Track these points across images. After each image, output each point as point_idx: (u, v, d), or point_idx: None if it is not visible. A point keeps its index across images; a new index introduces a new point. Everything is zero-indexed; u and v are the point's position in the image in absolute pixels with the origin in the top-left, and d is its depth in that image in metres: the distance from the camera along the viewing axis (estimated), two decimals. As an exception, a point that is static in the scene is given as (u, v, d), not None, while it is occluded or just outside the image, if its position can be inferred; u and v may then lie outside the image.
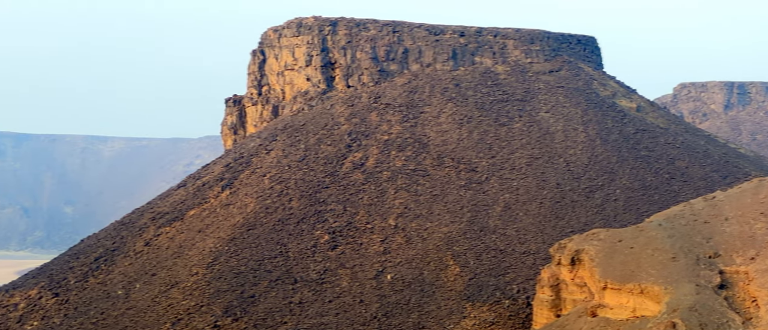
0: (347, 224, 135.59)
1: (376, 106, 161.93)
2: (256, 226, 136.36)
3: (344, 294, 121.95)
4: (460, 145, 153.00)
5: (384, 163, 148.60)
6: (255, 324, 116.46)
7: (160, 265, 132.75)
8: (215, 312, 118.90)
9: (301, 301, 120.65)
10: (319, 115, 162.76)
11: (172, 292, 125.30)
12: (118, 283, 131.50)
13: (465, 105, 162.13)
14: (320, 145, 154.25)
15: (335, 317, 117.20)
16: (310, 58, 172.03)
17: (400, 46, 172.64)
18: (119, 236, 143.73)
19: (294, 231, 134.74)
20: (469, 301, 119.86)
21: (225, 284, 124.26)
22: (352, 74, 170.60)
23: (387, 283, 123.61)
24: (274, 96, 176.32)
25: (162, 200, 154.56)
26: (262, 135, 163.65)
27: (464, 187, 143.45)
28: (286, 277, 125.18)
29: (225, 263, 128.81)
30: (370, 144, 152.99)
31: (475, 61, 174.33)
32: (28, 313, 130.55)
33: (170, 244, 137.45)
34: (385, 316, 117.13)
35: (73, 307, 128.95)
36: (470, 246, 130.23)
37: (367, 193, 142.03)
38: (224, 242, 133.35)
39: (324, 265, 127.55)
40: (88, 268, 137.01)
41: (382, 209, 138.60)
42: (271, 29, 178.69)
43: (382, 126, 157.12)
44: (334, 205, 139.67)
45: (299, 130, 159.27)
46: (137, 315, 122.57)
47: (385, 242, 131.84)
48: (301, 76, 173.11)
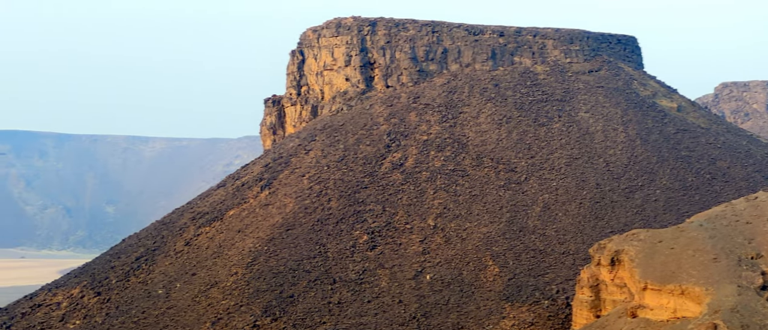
0: (386, 224, 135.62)
1: (415, 107, 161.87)
2: (295, 226, 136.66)
3: (383, 294, 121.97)
4: (499, 145, 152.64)
5: (423, 163, 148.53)
6: (294, 324, 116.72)
7: (199, 265, 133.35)
8: (254, 312, 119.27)
9: (340, 301, 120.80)
10: (358, 115, 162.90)
11: (211, 291, 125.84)
12: (158, 283, 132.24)
13: (504, 105, 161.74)
14: (359, 145, 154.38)
15: (374, 317, 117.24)
16: (349, 59, 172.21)
17: (440, 46, 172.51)
18: (160, 236, 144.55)
19: (333, 231, 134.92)
20: (508, 301, 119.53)
21: (264, 284, 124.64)
22: (391, 74, 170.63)
23: (426, 283, 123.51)
24: (313, 96, 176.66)
25: (202, 200, 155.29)
26: (301, 135, 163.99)
27: (503, 188, 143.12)
28: (325, 277, 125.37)
29: (264, 263, 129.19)
30: (409, 144, 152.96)
31: (514, 61, 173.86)
32: (71, 312, 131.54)
33: (210, 244, 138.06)
34: (424, 317, 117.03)
35: (114, 306, 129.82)
36: (509, 246, 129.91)
37: (406, 194, 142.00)
38: (263, 242, 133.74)
39: (363, 265, 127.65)
40: (130, 268, 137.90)
41: (421, 209, 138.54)
42: (310, 29, 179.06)
43: (421, 126, 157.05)
44: (373, 206, 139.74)
45: (338, 130, 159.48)
46: (177, 314, 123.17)
47: (424, 242, 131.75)
48: (340, 76, 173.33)
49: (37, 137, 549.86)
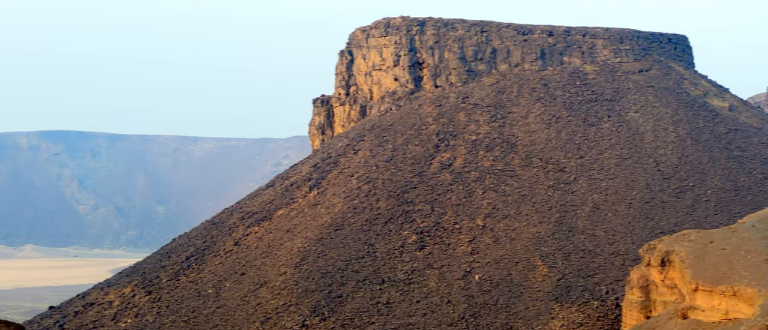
0: (435, 224, 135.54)
1: (464, 106, 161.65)
2: (343, 226, 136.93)
3: (432, 294, 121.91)
4: (549, 145, 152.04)
5: (472, 163, 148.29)
6: (343, 324, 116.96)
7: (249, 265, 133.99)
8: (303, 311, 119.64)
9: (389, 301, 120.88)
10: (407, 115, 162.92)
11: (260, 291, 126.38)
12: (208, 282, 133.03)
13: (553, 105, 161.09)
14: (408, 145, 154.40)
15: (423, 317, 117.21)
16: (397, 58, 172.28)
17: (488, 46, 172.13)
18: (209, 235, 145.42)
19: (381, 231, 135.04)
20: (557, 301, 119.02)
21: (313, 284, 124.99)
22: (440, 74, 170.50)
23: (475, 283, 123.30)
24: (362, 96, 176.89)
25: (251, 200, 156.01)
26: (349, 135, 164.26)
27: (552, 188, 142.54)
28: (374, 277, 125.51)
29: (313, 263, 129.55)
30: (458, 144, 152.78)
31: (563, 61, 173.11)
32: (122, 311, 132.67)
33: (259, 244, 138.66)
34: (472, 317, 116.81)
35: (165, 305, 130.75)
36: (558, 246, 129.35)
37: (454, 194, 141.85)
38: (312, 242, 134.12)
39: (411, 265, 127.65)
40: (180, 267, 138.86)
41: (470, 209, 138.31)
42: (358, 30, 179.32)
43: (470, 126, 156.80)
44: (421, 206, 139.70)
45: (387, 130, 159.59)
46: (227, 314, 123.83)
47: (473, 242, 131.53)
48: (389, 76, 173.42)
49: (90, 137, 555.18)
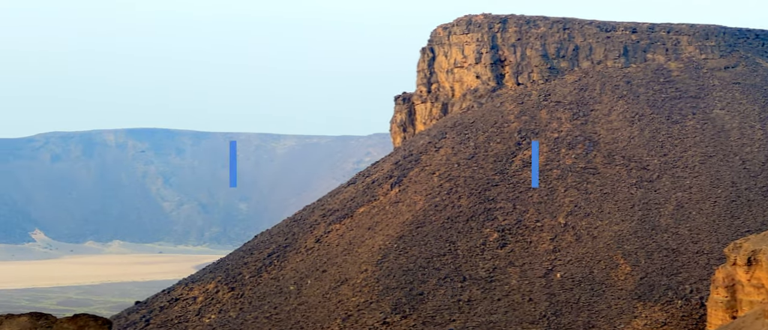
0: (516, 222, 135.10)
1: (545, 104, 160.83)
2: (425, 224, 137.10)
3: (513, 292, 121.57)
4: (631, 142, 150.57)
5: (554, 161, 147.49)
6: (424, 321, 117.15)
7: (330, 262, 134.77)
8: (384, 309, 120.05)
9: (470, 298, 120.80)
10: (489, 112, 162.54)
11: (342, 288, 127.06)
12: (290, 279, 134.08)
13: (636, 102, 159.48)
14: (489, 142, 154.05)
15: (504, 315, 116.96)
16: (479, 56, 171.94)
17: (571, 43, 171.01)
18: (291, 233, 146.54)
19: (463, 229, 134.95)
20: (640, 300, 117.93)
21: (394, 281, 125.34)
22: (522, 72, 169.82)
23: (556, 281, 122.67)
24: (444, 93, 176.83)
25: (332, 197, 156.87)
26: (431, 132, 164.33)
27: (635, 186, 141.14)
28: (455, 275, 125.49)
29: (394, 261, 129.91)
30: (539, 142, 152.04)
31: (647, 58, 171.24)
32: (206, 307, 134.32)
33: (340, 241, 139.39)
34: (554, 315, 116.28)
35: (247, 302, 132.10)
36: (641, 245, 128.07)
37: (536, 191, 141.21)
38: (393, 240, 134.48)
39: (493, 263, 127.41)
40: (262, 264, 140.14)
41: (552, 207, 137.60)
42: (440, 27, 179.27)
43: (552, 124, 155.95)
44: (503, 203, 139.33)
45: (468, 127, 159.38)
46: (309, 310, 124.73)
47: (555, 240, 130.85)
48: (471, 74, 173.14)
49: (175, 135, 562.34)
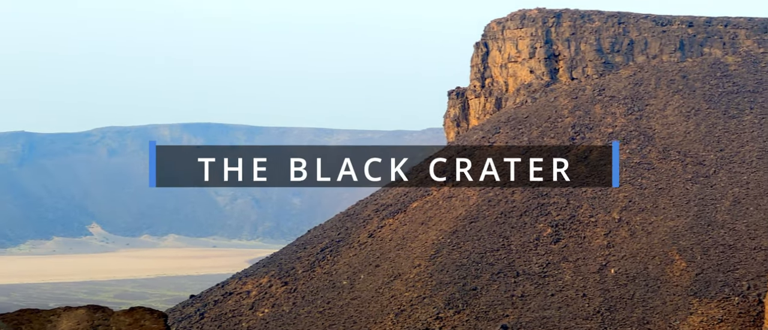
0: (570, 217, 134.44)
1: (600, 99, 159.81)
2: (478, 219, 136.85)
3: (567, 288, 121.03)
4: (687, 137, 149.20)
5: (607, 156, 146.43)
6: (477, 316, 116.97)
7: (383, 257, 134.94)
8: (437, 304, 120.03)
9: (523, 294, 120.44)
10: (543, 107, 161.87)
11: (395, 283, 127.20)
12: (343, 274, 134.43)
13: (692, 97, 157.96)
14: (543, 137, 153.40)
15: (557, 311, 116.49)
16: (533, 50, 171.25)
17: (626, 37, 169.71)
18: (344, 227, 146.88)
19: (516, 224, 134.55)
20: (696, 297, 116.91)
21: (447, 276, 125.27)
22: (576, 66, 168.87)
23: (610, 277, 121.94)
24: (497, 88, 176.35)
25: (385, 192, 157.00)
26: (484, 127, 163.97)
27: (691, 181, 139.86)
28: (508, 270, 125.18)
29: (447, 256, 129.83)
30: (593, 136, 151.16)
31: (703, 52, 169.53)
32: (260, 301, 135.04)
33: (393, 236, 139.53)
34: (608, 311, 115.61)
35: (300, 296, 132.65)
36: (697, 240, 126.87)
37: (590, 187, 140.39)
38: (447, 235, 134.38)
39: (546, 258, 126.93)
40: (315, 258, 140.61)
41: (606, 202, 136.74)
42: (494, 21, 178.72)
43: (606, 118, 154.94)
44: (557, 198, 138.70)
45: (522, 122, 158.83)
46: (362, 305, 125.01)
47: (609, 236, 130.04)
48: (525, 69, 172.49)
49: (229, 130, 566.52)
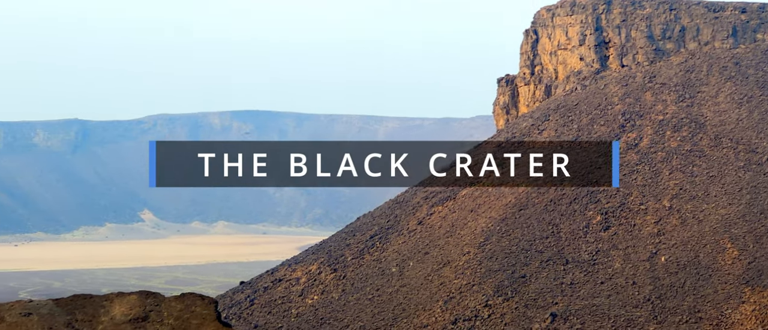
0: (620, 205, 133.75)
1: (650, 86, 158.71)
2: (527, 206, 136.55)
3: (616, 275, 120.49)
4: (739, 125, 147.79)
5: (658, 143, 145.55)
6: (526, 304, 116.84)
7: (432, 244, 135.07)
8: (486, 291, 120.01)
9: (573, 281, 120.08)
10: (593, 94, 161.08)
11: (444, 270, 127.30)
12: (392, 261, 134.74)
13: (745, 84, 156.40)
14: (593, 125, 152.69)
15: (607, 299, 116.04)
16: (583, 38, 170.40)
17: (677, 24, 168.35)
18: (393, 215, 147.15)
19: (566, 211, 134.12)
20: (748, 285, 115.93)
21: (496, 264, 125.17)
22: (627, 53, 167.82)
23: (661, 265, 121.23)
24: (547, 76, 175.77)
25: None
26: (534, 115, 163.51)
27: (743, 169, 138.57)
28: (558, 258, 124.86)
29: (496, 243, 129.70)
30: (644, 124, 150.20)
31: (756, 39, 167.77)
32: (309, 288, 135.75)
33: (442, 224, 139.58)
34: (658, 299, 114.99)
35: (349, 283, 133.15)
36: (749, 229, 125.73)
37: (640, 174, 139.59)
38: (496, 222, 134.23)
39: (596, 246, 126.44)
40: (364, 246, 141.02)
41: (657, 190, 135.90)
42: (544, 9, 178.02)
43: (657, 106, 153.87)
44: (606, 186, 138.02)
45: (572, 110, 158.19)
46: (411, 292, 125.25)
47: (660, 224, 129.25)
48: (575, 56, 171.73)
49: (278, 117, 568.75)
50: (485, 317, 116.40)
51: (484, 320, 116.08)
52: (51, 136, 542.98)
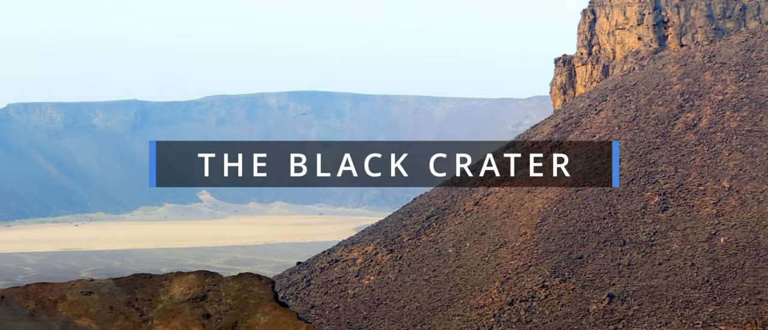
0: (678, 186, 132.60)
1: (710, 66, 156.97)
2: (585, 187, 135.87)
3: (675, 257, 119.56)
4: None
5: (718, 123, 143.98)
6: (583, 285, 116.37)
7: (489, 225, 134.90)
8: (543, 272, 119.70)
9: (630, 263, 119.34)
10: (651, 75, 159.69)
11: (500, 251, 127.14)
12: (448, 242, 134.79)
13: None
14: (651, 105, 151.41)
15: (665, 280, 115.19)
16: (642, 17, 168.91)
17: (737, 2, 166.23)
18: (450, 195, 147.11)
19: (623, 192, 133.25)
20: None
21: (553, 245, 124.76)
22: (686, 33, 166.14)
23: (720, 246, 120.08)
24: (605, 56, 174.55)
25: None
26: (591, 95, 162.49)
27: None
28: (615, 239, 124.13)
29: (553, 224, 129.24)
30: (703, 104, 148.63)
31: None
32: (366, 268, 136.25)
33: (499, 204, 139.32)
34: (717, 280, 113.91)
35: (406, 264, 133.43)
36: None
37: (699, 155, 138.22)
38: (553, 203, 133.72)
39: (654, 227, 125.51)
40: (421, 226, 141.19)
41: (715, 171, 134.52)
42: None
43: (717, 85, 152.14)
44: (665, 167, 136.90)
45: (630, 90, 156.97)
46: (467, 273, 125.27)
47: (718, 205, 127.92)
48: (633, 36, 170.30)
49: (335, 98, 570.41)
50: (542, 298, 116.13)
51: (541, 301, 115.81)
52: (110, 117, 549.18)
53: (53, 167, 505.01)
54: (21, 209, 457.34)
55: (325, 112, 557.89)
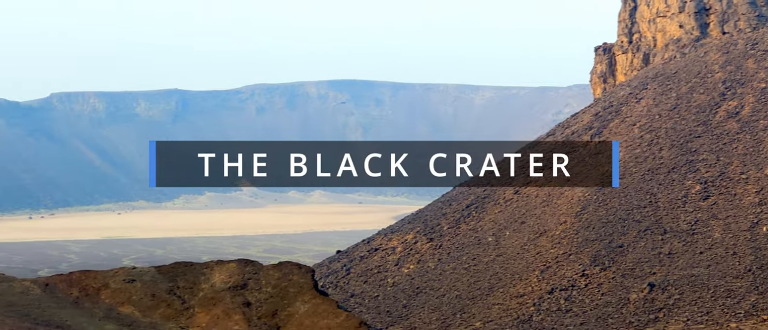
0: (720, 174, 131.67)
1: (752, 53, 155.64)
2: (625, 176, 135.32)
3: (716, 245, 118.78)
4: None
5: (760, 111, 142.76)
6: (623, 274, 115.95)
7: (529, 213, 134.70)
8: (583, 261, 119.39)
9: (671, 251, 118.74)
10: (692, 62, 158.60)
11: (540, 240, 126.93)
12: (488, 230, 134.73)
13: None
14: (692, 93, 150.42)
15: (706, 269, 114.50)
16: (683, 5, 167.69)
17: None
18: (489, 184, 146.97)
19: (664, 181, 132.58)
20: None
21: (593, 233, 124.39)
22: (728, 20, 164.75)
23: (762, 235, 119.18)
24: (645, 44, 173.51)
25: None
26: (632, 83, 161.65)
27: None
28: (656, 227, 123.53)
29: (593, 212, 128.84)
30: (745, 92, 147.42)
31: None
32: (405, 257, 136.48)
33: (539, 193, 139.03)
34: (759, 269, 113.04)
35: (446, 253, 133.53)
36: None
37: (741, 143, 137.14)
38: (593, 191, 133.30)
39: (695, 215, 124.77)
40: (460, 215, 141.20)
41: (758, 159, 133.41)
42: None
43: (759, 73, 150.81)
44: (706, 155, 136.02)
45: (671, 78, 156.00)
46: (507, 262, 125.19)
47: (761, 193, 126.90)
48: (674, 23, 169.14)
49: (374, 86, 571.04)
50: (582, 287, 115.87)
51: (581, 290, 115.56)
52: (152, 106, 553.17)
53: (96, 156, 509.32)
54: (64, 197, 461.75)
55: (364, 100, 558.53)
